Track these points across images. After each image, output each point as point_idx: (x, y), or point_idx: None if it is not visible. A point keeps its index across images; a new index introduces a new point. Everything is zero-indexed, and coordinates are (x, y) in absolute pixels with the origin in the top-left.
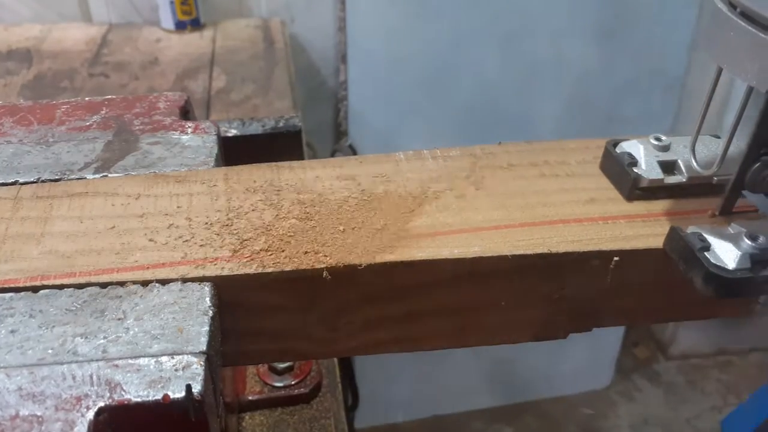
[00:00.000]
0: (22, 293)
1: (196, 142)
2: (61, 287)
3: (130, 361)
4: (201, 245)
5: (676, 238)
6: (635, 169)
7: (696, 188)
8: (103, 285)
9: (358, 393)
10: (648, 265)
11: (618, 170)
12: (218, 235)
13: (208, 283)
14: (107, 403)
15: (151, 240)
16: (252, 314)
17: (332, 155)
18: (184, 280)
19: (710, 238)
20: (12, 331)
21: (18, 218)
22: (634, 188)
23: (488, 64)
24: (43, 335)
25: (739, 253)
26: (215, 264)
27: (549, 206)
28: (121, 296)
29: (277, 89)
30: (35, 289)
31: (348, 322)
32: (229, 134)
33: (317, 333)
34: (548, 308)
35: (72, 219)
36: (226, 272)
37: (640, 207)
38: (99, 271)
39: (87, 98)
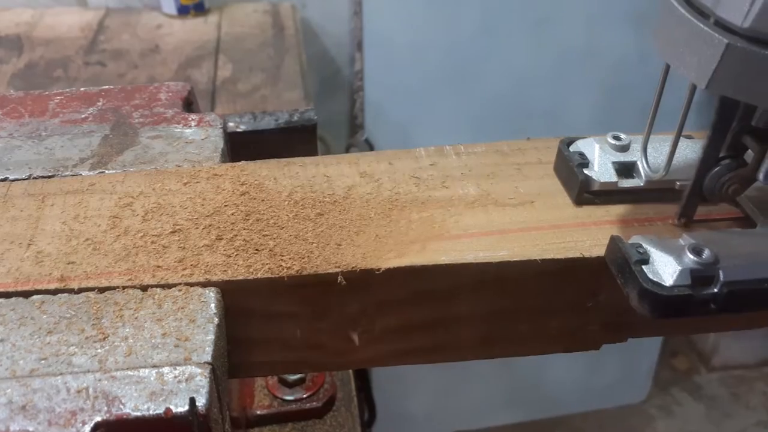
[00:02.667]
0: (13, 299)
1: (200, 135)
2: (54, 292)
3: (129, 372)
4: (206, 247)
5: (614, 248)
6: (586, 171)
7: (659, 193)
8: (100, 290)
9: (375, 407)
10: None
11: (567, 172)
12: (224, 236)
13: (213, 288)
14: (104, 417)
15: (152, 242)
16: (260, 322)
17: (347, 150)
18: (188, 285)
19: (652, 250)
20: (1, 340)
21: (8, 218)
22: (582, 192)
23: (516, 52)
24: (35, 344)
25: (679, 268)
26: (221, 268)
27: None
28: (119, 302)
29: (287, 79)
30: (26, 294)
31: (364, 331)
32: (239, 130)
33: (331, 343)
34: (580, 317)
35: (66, 219)
36: (232, 276)
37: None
38: (96, 274)
39: (82, 89)
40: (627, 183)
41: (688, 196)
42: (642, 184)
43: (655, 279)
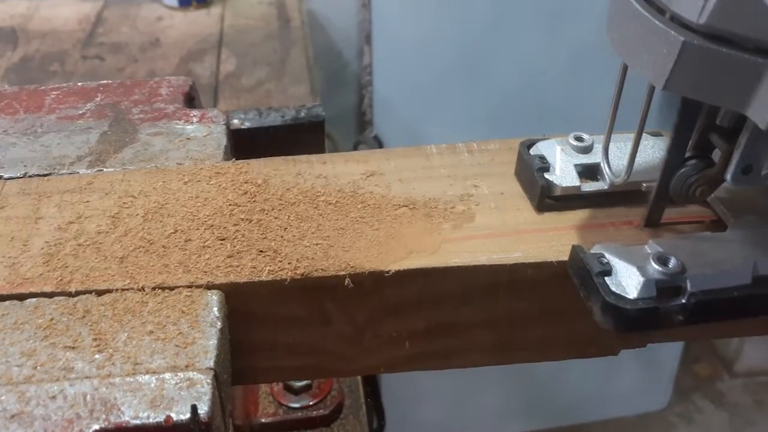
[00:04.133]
0: (7, 302)
1: (203, 132)
2: (50, 295)
3: (128, 378)
4: (208, 248)
5: (575, 259)
6: (547, 176)
7: (626, 196)
8: (99, 293)
9: (384, 414)
10: None
11: (528, 177)
12: (227, 237)
13: (216, 291)
14: (103, 425)
15: (152, 242)
16: (265, 326)
17: (355, 148)
18: (190, 288)
19: (615, 260)
20: None
21: (2, 218)
22: (543, 197)
23: (530, 46)
24: (30, 349)
25: (642, 279)
26: (223, 270)
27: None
28: (118, 305)
29: (292, 73)
30: (21, 298)
31: (373, 335)
32: (244, 127)
33: (338, 348)
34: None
35: (63, 219)
36: (235, 279)
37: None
38: (94, 277)
39: (80, 83)
40: (590, 187)
41: (654, 199)
42: (606, 188)
43: (618, 291)
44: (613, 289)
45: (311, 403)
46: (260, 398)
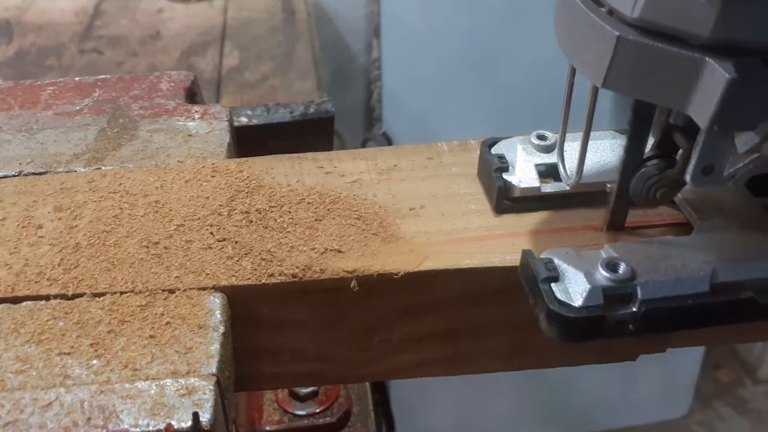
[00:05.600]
0: (2, 305)
1: (205, 129)
2: (47, 298)
3: (127, 385)
4: (210, 250)
5: (524, 264)
6: (506, 176)
7: (590, 197)
8: (97, 296)
9: (394, 422)
10: None
11: (488, 177)
12: (230, 238)
13: (218, 294)
14: None
15: (152, 244)
16: (269, 330)
17: (363, 145)
18: (191, 291)
19: (564, 266)
20: None
21: None
22: (501, 199)
23: (545, 39)
24: (25, 355)
25: (589, 286)
26: (227, 272)
27: None
28: (117, 309)
29: (298, 68)
30: (16, 301)
31: (381, 340)
32: (251, 124)
33: (345, 353)
34: None
35: (59, 219)
36: (238, 281)
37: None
38: (91, 279)
39: (77, 78)
40: (551, 188)
41: (614, 201)
42: (568, 188)
43: (563, 299)
44: (559, 296)
45: (317, 410)
46: (264, 405)
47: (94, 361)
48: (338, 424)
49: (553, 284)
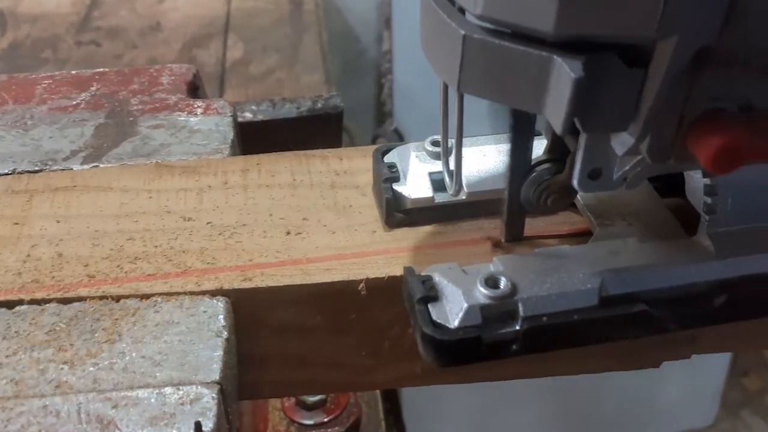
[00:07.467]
0: None
1: (208, 125)
2: (42, 302)
3: (126, 393)
4: (213, 251)
5: (405, 282)
6: (396, 186)
7: (491, 206)
8: (94, 300)
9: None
10: None
11: (378, 188)
12: (234, 239)
13: (221, 298)
14: None
15: (153, 245)
16: (275, 336)
17: (373, 142)
18: (194, 294)
19: (445, 284)
20: None
21: None
22: (391, 211)
23: None
24: (19, 361)
25: (466, 305)
26: (230, 274)
27: None
28: (115, 313)
29: (305, 61)
30: (10, 305)
31: (393, 346)
32: (256, 120)
33: (355, 360)
34: None
35: (55, 219)
36: (243, 285)
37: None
38: (88, 282)
39: (73, 72)
40: (447, 197)
41: (506, 210)
42: (465, 198)
43: (440, 320)
44: (435, 317)
45: (326, 419)
46: (270, 414)
47: (91, 368)
48: None
49: (430, 305)
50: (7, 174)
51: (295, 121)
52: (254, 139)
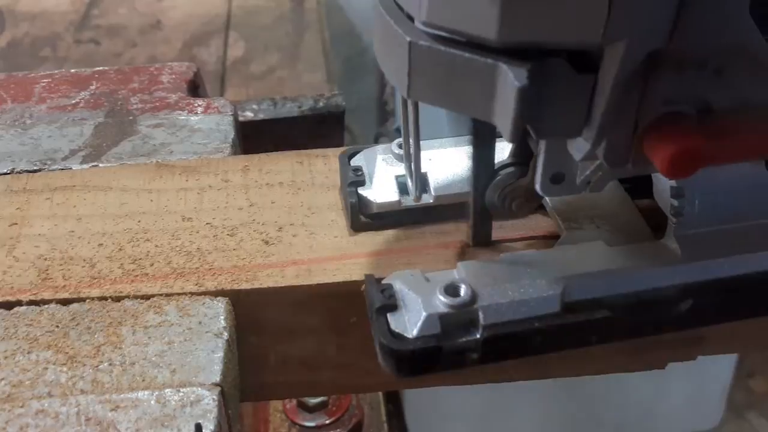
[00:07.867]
0: None
1: (208, 124)
2: (40, 303)
3: (125, 395)
4: (213, 252)
5: (366, 291)
6: (362, 191)
7: (458, 210)
8: (93, 300)
9: None
10: None
11: (344, 192)
12: (234, 239)
13: (222, 299)
14: None
15: (153, 245)
16: (276, 337)
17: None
18: (194, 295)
19: (405, 291)
20: None
21: None
22: (356, 215)
23: None
24: (16, 363)
25: (424, 314)
26: (231, 275)
27: None
28: (114, 314)
29: (307, 59)
30: (8, 306)
31: None
32: (257, 119)
33: (357, 361)
34: None
35: (55, 219)
36: (244, 285)
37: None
38: (87, 283)
39: (73, 70)
40: (413, 201)
41: (473, 215)
42: (432, 201)
43: (398, 330)
44: (394, 327)
45: (327, 421)
46: (271, 416)
47: (90, 370)
48: None
49: (390, 314)
50: (5, 173)
51: (297, 120)
52: (255, 138)
